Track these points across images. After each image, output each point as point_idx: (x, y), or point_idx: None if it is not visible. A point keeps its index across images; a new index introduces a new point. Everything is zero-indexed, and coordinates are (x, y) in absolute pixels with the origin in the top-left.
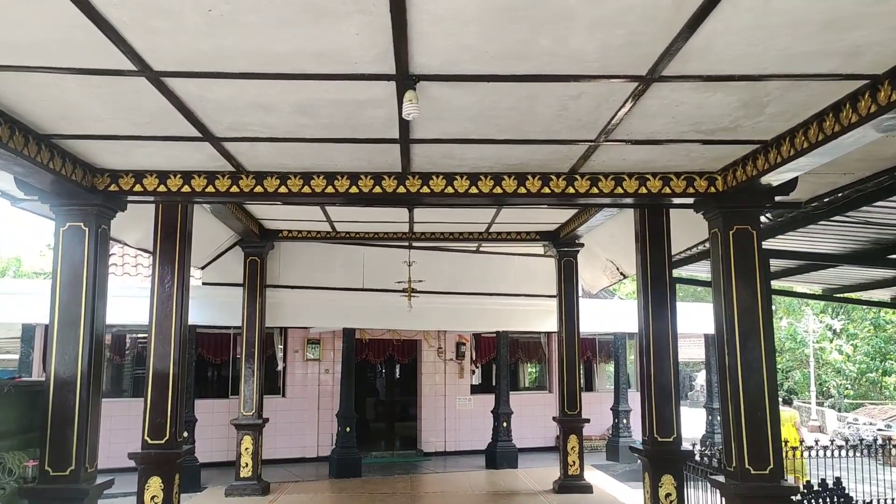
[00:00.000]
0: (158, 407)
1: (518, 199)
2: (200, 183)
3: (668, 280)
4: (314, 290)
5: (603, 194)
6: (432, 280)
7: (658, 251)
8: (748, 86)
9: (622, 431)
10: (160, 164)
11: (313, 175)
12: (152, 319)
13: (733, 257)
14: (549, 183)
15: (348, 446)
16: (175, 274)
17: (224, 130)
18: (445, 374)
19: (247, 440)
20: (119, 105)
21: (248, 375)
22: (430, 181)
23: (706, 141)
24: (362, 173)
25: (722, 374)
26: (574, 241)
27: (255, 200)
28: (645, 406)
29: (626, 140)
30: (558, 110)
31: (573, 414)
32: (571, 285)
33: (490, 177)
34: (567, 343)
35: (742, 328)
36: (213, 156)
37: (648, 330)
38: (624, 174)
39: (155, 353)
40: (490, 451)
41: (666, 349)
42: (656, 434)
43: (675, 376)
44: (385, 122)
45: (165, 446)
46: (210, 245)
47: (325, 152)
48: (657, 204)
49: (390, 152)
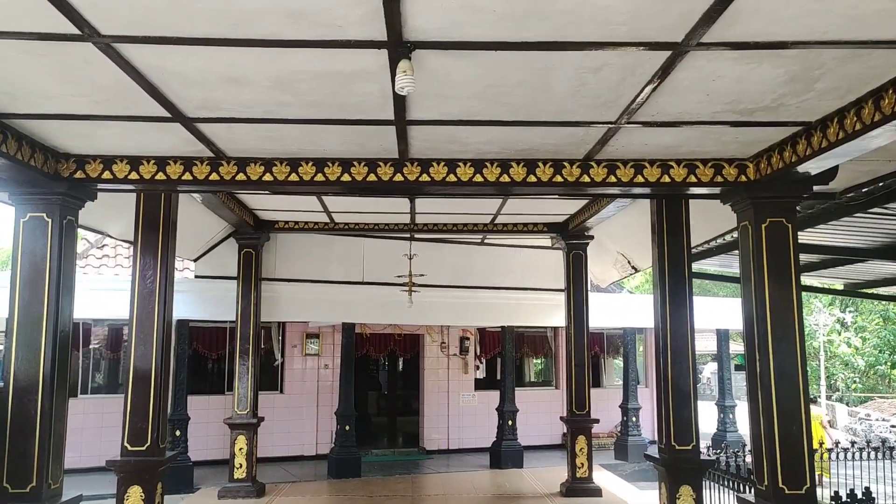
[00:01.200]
0: (139, 410)
1: (527, 189)
2: (176, 170)
3: (687, 275)
4: (312, 283)
5: (621, 183)
6: (435, 273)
7: (676, 244)
8: (801, 55)
9: (631, 430)
10: (130, 148)
11: (301, 161)
12: (133, 316)
13: (766, 252)
14: (561, 170)
15: (347, 445)
16: (158, 268)
17: (195, 110)
18: (449, 369)
19: (241, 440)
20: (69, 78)
21: (243, 372)
22: (431, 168)
23: (741, 123)
24: (355, 160)
25: (752, 380)
26: (583, 234)
27: (238, 189)
28: (661, 410)
29: (651, 122)
30: (576, 86)
31: (582, 414)
32: (580, 279)
33: (497, 164)
34: (576, 340)
35: (775, 331)
36: (188, 139)
37: (665, 327)
38: (645, 161)
39: (136, 353)
40: (494, 450)
41: (684, 348)
42: (674, 441)
43: (693, 377)
44: (377, 101)
45: (147, 453)
46: (202, 237)
47: (312, 136)
48: (680, 195)
49: (385, 136)
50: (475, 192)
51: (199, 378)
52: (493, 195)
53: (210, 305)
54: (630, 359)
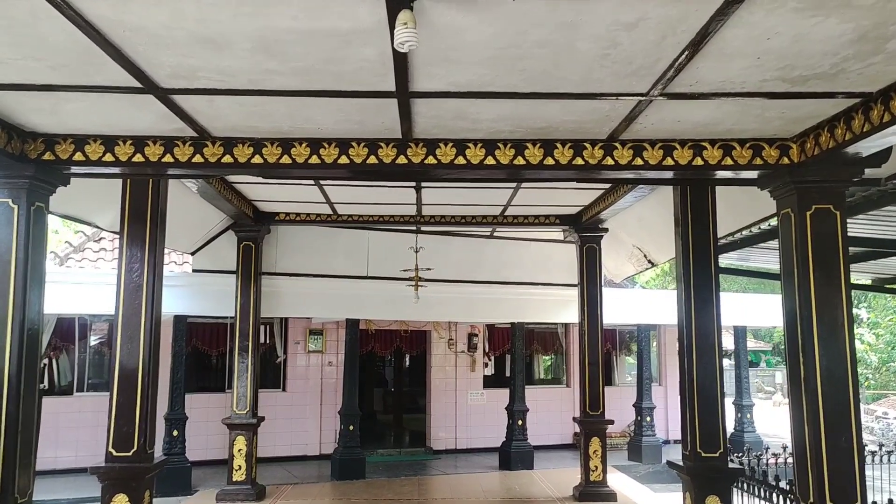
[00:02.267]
0: (125, 413)
1: (544, 173)
2: (156, 151)
3: (714, 269)
4: (314, 277)
5: (648, 166)
6: (443, 267)
7: (702, 235)
8: (876, 6)
9: (645, 430)
10: (103, 126)
11: (294, 142)
12: (118, 312)
13: (811, 243)
14: (582, 152)
15: (352, 446)
16: (146, 260)
17: (169, 78)
18: (457, 366)
19: (240, 440)
20: (18, 38)
21: (242, 370)
22: (437, 150)
23: (791, 94)
24: (354, 140)
25: (794, 384)
26: (597, 226)
27: (225, 172)
28: (685, 413)
29: (688, 94)
30: (605, 47)
31: (596, 415)
32: (594, 274)
33: (510, 145)
34: (589, 337)
35: (821, 330)
36: (166, 116)
37: (690, 326)
38: (675, 142)
39: (121, 351)
40: (504, 450)
41: (710, 348)
42: (700, 447)
43: (720, 379)
44: (376, 67)
45: (133, 459)
46: (200, 229)
47: (304, 111)
48: (709, 180)
49: (387, 111)
50: (486, 177)
51: (199, 375)
52: (505, 181)
53: (208, 301)
54: (644, 356)
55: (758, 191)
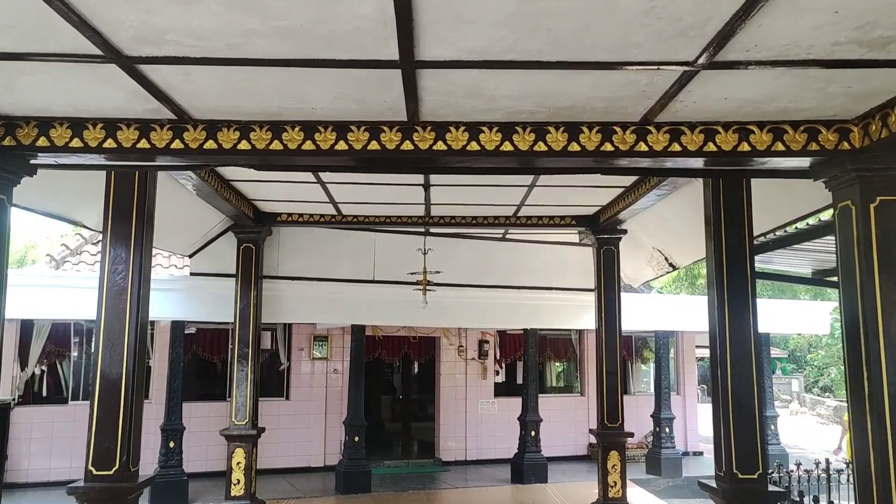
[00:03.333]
0: (106, 428)
1: (567, 161)
2: (129, 136)
3: (750, 271)
4: (318, 281)
5: (686, 153)
6: (452, 271)
7: (736, 235)
8: None
9: (664, 442)
10: (67, 106)
11: (285, 126)
12: (100, 317)
13: (875, 240)
14: (611, 137)
15: (357, 458)
16: (130, 261)
17: (133, 43)
18: (467, 374)
19: (238, 453)
20: None
21: (241, 378)
22: (448, 135)
23: (864, 63)
24: (353, 123)
25: (857, 399)
26: (615, 227)
27: (208, 160)
28: (720, 431)
29: (742, 61)
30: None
31: (614, 427)
32: (612, 277)
33: (530, 129)
34: (607, 344)
35: (890, 339)
36: (137, 93)
37: (724, 334)
38: (718, 124)
39: (103, 360)
40: (517, 462)
41: (747, 358)
42: (736, 468)
43: (759, 392)
44: (375, 28)
45: (115, 478)
46: (197, 230)
47: (294, 86)
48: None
49: (390, 86)
50: (502, 166)
51: (200, 383)
52: (521, 171)
53: (207, 305)
54: (663, 364)
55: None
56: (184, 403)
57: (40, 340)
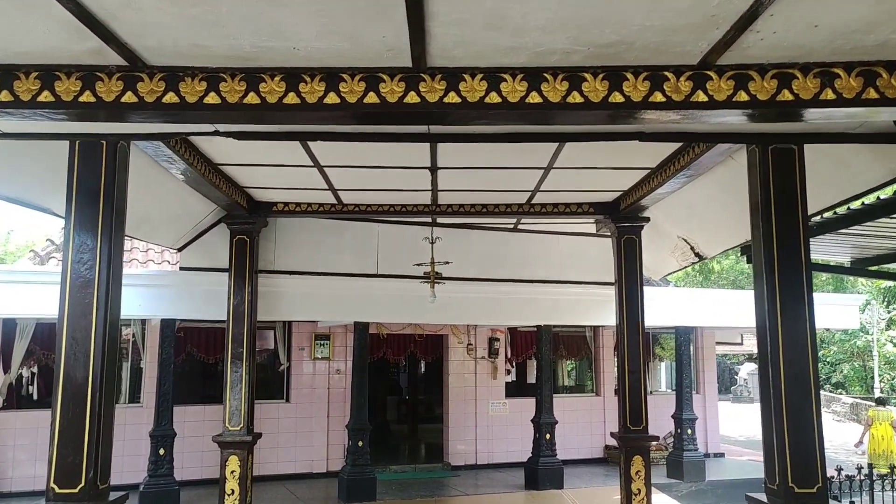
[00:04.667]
0: (71, 439)
1: (606, 115)
2: (70, 88)
3: (804, 259)
4: (318, 276)
5: (755, 103)
6: (461, 265)
7: (788, 216)
8: None
9: (686, 444)
10: None
11: (262, 74)
12: (62, 313)
13: None
14: (662, 85)
15: (361, 464)
16: (98, 249)
17: None
18: (476, 374)
19: (233, 461)
20: None
21: (235, 381)
22: (462, 84)
23: None
24: (345, 70)
25: None
26: (637, 215)
27: (167, 118)
28: (772, 438)
29: None
30: None
31: (638, 430)
32: (634, 269)
33: (563, 76)
34: (629, 341)
35: None
36: (71, 25)
37: (775, 331)
38: (796, 66)
39: (66, 361)
40: (530, 467)
41: (803, 357)
42: (791, 481)
43: (816, 396)
44: None
45: (80, 497)
46: (186, 221)
47: (271, 18)
48: (837, 135)
49: (390, 15)
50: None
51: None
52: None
53: (199, 302)
54: (684, 362)
55: (849, 158)
56: (178, 407)
57: (24, 341)
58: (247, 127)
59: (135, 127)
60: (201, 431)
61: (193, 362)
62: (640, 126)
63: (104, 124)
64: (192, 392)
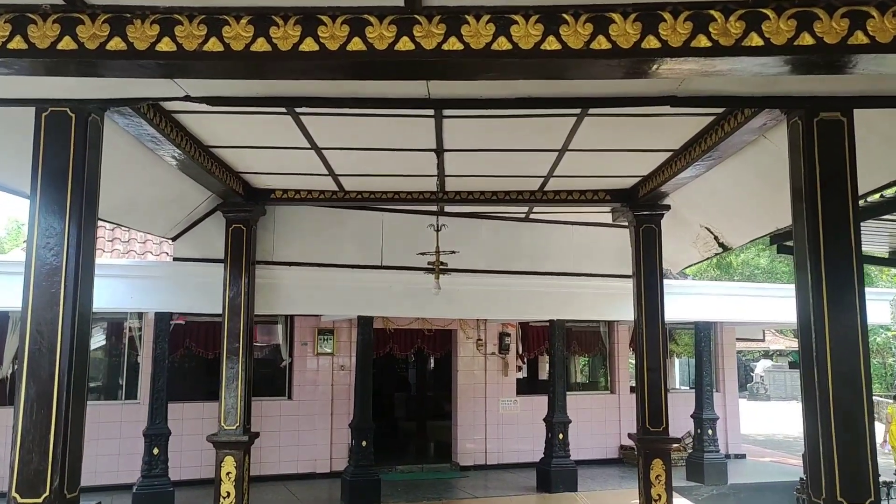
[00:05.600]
0: (35, 444)
1: (638, 65)
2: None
3: (855, 245)
4: (319, 267)
5: (821, 46)
6: (470, 256)
7: (836, 198)
8: None
9: (707, 445)
10: None
11: (226, 15)
12: (27, 303)
13: None
14: (707, 25)
15: (364, 464)
16: (66, 234)
17: None
18: (486, 370)
19: (228, 462)
20: None
21: (231, 377)
22: (464, 27)
23: None
24: (325, 11)
25: None
26: (657, 203)
27: (115, 72)
28: (818, 447)
29: None
30: None
31: (657, 431)
32: (653, 260)
33: (585, 15)
34: (648, 337)
35: None
36: None
37: (822, 326)
38: (871, 2)
39: (30, 357)
40: (543, 468)
41: (854, 356)
42: (840, 494)
43: (869, 401)
44: None
45: None
46: (180, 209)
47: None
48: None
49: None
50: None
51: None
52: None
53: (193, 295)
54: (704, 359)
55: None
56: (176, 404)
57: (16, 334)
58: (221, 90)
59: (86, 89)
60: (200, 429)
61: (192, 357)
62: (674, 85)
63: (59, 86)
64: (191, 388)
